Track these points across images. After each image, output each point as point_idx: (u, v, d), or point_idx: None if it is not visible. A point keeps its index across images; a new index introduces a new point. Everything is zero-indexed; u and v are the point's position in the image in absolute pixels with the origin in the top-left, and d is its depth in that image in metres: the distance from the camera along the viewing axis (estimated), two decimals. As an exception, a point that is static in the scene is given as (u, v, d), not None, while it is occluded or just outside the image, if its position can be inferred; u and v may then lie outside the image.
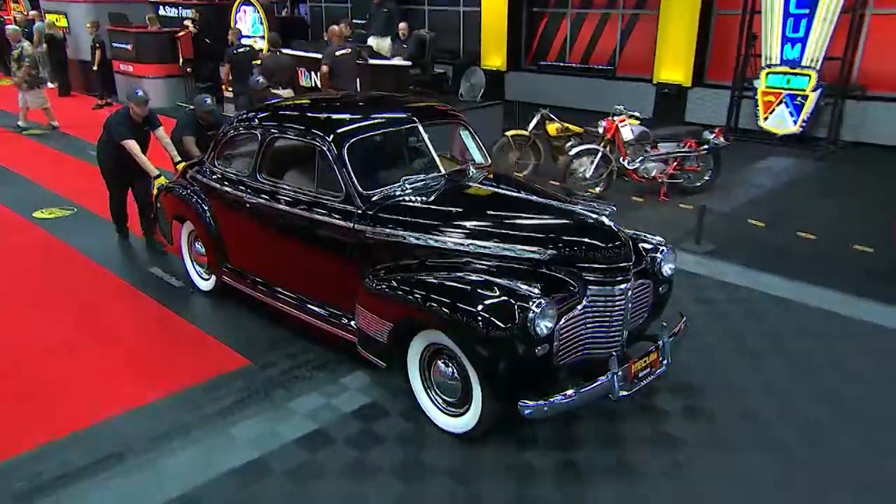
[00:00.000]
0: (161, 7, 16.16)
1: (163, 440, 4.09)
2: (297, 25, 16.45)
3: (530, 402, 3.66)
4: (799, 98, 10.64)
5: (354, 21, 14.35)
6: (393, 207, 4.54)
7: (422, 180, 4.83)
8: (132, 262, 6.74)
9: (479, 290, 3.83)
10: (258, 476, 3.82)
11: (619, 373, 3.86)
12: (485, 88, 12.18)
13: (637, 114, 8.60)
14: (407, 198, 4.64)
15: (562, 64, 15.04)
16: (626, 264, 4.00)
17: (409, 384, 4.31)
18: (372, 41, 10.76)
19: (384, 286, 4.22)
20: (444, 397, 4.16)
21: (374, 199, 4.58)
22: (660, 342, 4.24)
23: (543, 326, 3.62)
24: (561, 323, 3.74)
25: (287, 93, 9.94)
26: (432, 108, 5.58)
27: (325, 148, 4.65)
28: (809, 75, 10.43)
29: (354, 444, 4.08)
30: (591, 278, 3.93)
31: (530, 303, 3.60)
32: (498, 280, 3.87)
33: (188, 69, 14.94)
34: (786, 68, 10.67)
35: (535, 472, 3.84)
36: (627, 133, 8.34)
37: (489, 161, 5.42)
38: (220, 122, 6.80)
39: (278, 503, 3.64)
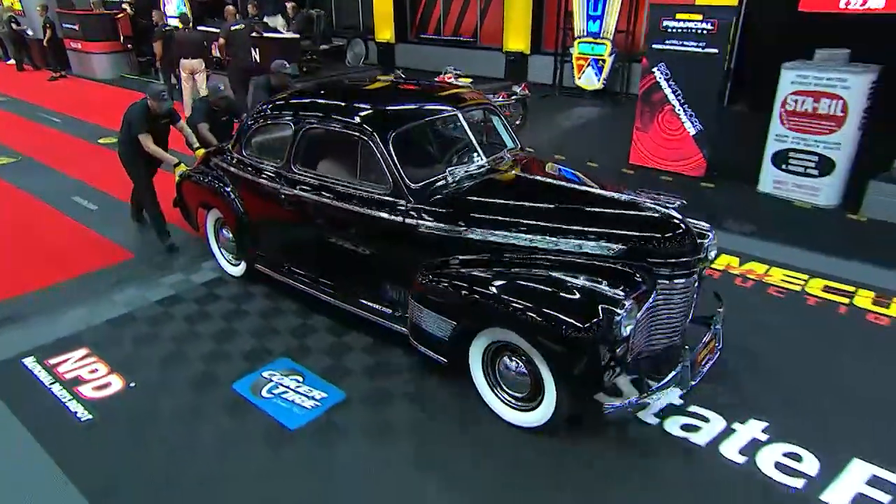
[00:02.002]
0: (104, -8, 15.98)
1: (60, 305, 4.87)
2: (220, 7, 16.43)
3: (614, 403, 3.14)
4: (600, 61, 11.57)
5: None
6: (446, 201, 3.77)
7: (465, 170, 4.02)
8: (59, 194, 7.22)
9: (557, 290, 3.17)
10: (127, 322, 4.67)
11: (688, 363, 3.31)
12: (366, 56, 12.76)
13: (459, 72, 9.39)
14: (459, 190, 3.87)
15: (438, 37, 15.58)
16: (694, 258, 3.43)
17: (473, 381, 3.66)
18: (267, 19, 11.17)
19: (445, 283, 3.48)
20: (512, 393, 3.52)
21: (422, 192, 3.82)
22: (715, 328, 3.72)
23: (628, 328, 3.04)
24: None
25: (197, 62, 10.29)
26: (464, 95, 4.64)
27: (368, 139, 3.88)
28: (606, 44, 11.34)
29: (197, 301, 4.94)
30: (661, 272, 3.33)
31: (616, 304, 2.99)
32: (573, 279, 3.19)
33: (129, 45, 14.98)
34: (590, 39, 11.54)
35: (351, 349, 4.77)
36: (454, 87, 9.17)
37: (519, 145, 4.67)
38: (233, 108, 6.28)
39: (137, 339, 4.47)
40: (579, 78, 11.96)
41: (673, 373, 3.29)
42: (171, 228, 5.91)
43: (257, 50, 10.76)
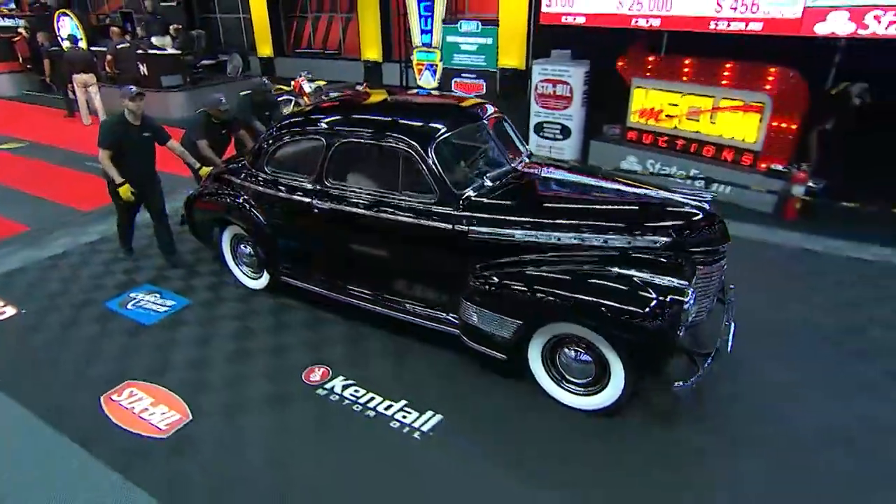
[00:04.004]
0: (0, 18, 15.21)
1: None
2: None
3: (681, 382, 3.06)
4: (434, 66, 12.55)
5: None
6: (493, 206, 3.47)
7: (498, 176, 3.74)
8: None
9: (624, 284, 2.97)
10: (21, 273, 5.16)
11: (726, 337, 3.36)
12: (244, 68, 13.19)
13: (311, 76, 10.14)
14: (501, 194, 3.58)
15: (310, 50, 16.07)
16: (724, 244, 3.37)
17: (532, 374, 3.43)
18: (154, 40, 11.32)
19: (508, 284, 3.22)
20: (576, 381, 3.30)
21: (467, 199, 3.50)
22: (730, 300, 3.65)
23: (695, 314, 3.04)
24: None
25: (89, 77, 10.36)
26: (483, 105, 4.18)
27: (411, 150, 3.52)
28: (436, 52, 12.35)
29: (82, 255, 5.47)
30: (700, 259, 3.22)
31: (682, 294, 2.87)
32: (633, 272, 3.00)
33: (28, 66, 14.42)
34: (424, 48, 12.49)
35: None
36: (307, 87, 9.94)
37: (528, 150, 4.29)
38: (232, 120, 5.62)
39: (30, 283, 4.98)
40: (419, 79, 12.93)
41: (716, 347, 3.28)
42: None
43: (144, 65, 10.96)
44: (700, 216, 3.31)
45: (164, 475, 3.00)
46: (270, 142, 4.28)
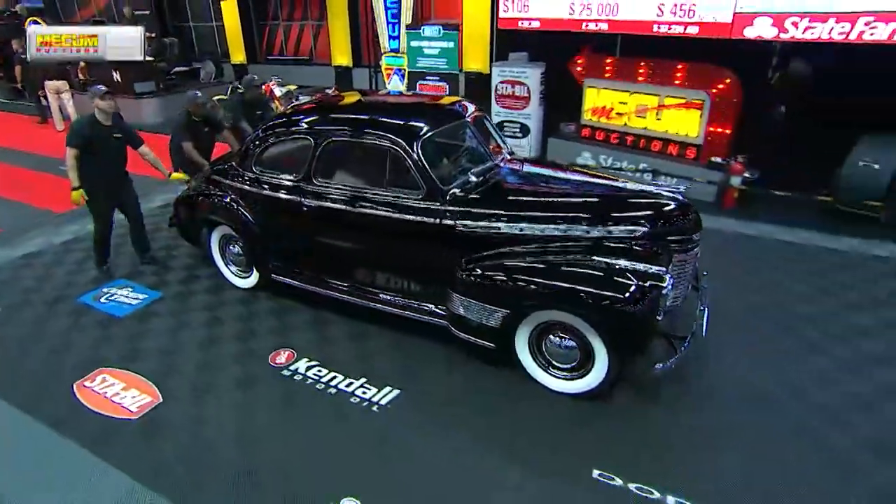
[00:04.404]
0: (-31, 27, 14.90)
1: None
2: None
3: (660, 364, 3.17)
4: (402, 70, 12.74)
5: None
6: (479, 201, 3.51)
7: (482, 172, 3.74)
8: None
9: (606, 272, 3.04)
10: (-6, 272, 5.20)
11: (702, 322, 3.46)
12: (217, 74, 13.19)
13: (281, 80, 10.22)
14: (485, 190, 3.60)
15: (282, 57, 16.08)
16: (699, 233, 3.46)
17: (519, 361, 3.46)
18: (127, 46, 11.27)
19: (495, 275, 3.25)
20: (561, 366, 3.34)
21: (453, 194, 3.54)
22: (703, 287, 3.74)
23: (672, 299, 3.13)
24: None
25: (62, 83, 10.27)
26: (465, 104, 4.20)
27: (398, 148, 3.54)
28: (404, 57, 12.54)
29: (55, 254, 5.50)
30: (676, 247, 3.30)
31: (661, 280, 2.96)
32: (614, 261, 3.09)
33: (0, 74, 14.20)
34: (392, 53, 12.65)
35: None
36: (277, 91, 10.04)
37: (509, 146, 4.34)
38: (214, 116, 5.47)
39: (3, 281, 5.00)
40: (388, 83, 13.08)
41: (692, 331, 3.38)
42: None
43: (118, 71, 10.90)
44: (673, 206, 3.39)
45: (135, 454, 3.11)
46: (258, 142, 4.26)
